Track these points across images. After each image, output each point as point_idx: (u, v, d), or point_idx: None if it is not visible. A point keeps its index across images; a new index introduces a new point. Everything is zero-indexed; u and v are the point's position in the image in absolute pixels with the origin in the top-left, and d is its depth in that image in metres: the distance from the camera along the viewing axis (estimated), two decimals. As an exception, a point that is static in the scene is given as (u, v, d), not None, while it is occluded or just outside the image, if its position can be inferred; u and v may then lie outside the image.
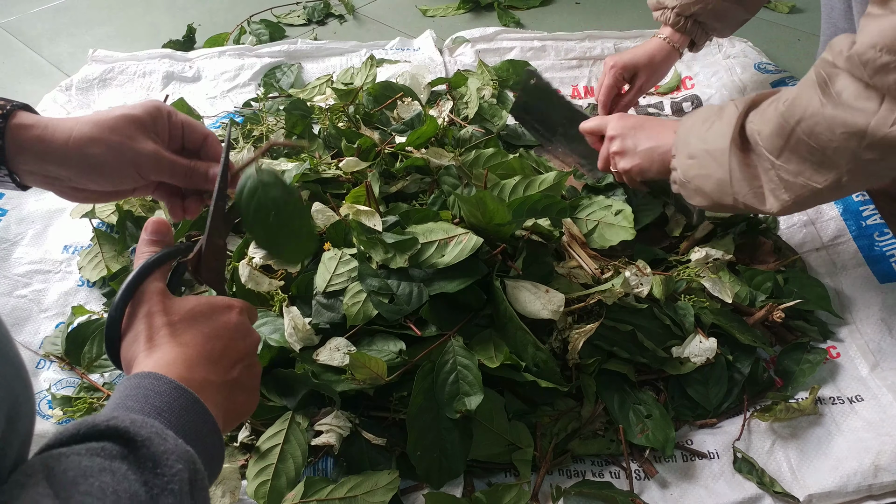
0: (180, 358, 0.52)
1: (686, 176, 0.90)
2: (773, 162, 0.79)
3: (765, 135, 0.80)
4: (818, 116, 0.73)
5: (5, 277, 1.08)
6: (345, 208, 0.95)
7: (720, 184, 0.85)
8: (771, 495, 0.82)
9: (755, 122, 0.82)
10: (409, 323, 0.87)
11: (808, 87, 0.75)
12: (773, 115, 0.79)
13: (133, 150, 0.63)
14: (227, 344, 0.56)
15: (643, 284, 0.91)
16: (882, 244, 1.07)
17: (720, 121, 0.85)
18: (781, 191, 0.80)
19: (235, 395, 0.56)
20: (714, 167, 0.85)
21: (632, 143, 0.99)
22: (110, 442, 0.43)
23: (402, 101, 1.30)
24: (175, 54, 1.56)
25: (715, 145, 0.85)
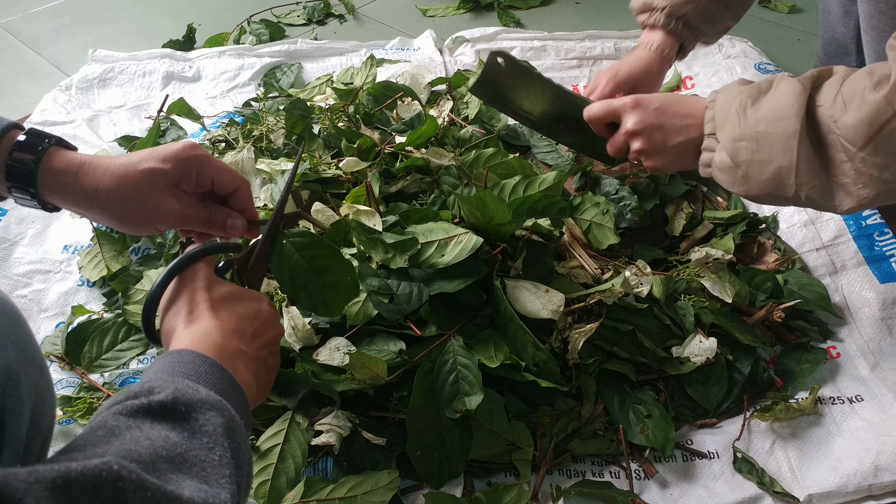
0: (217, 329, 0.57)
1: (735, 160, 0.78)
2: (851, 153, 0.71)
3: (846, 123, 0.71)
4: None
5: (5, 277, 1.08)
6: (345, 208, 0.95)
7: (781, 172, 0.75)
8: (771, 495, 0.82)
9: (827, 105, 0.72)
10: (409, 323, 0.87)
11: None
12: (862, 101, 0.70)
13: (156, 208, 0.66)
14: (258, 327, 0.61)
15: (643, 284, 0.91)
16: (882, 244, 1.07)
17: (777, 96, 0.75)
18: (860, 186, 0.71)
19: (265, 370, 0.61)
20: (775, 153, 0.75)
21: (660, 137, 0.87)
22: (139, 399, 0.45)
23: (402, 101, 1.30)
24: (175, 54, 1.56)
25: (777, 128, 0.74)
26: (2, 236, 1.14)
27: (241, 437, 0.48)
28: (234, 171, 0.71)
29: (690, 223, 1.09)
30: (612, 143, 0.95)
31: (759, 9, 1.80)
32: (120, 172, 0.65)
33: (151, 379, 0.48)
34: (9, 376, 0.47)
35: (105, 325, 0.99)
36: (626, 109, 0.91)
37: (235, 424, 0.48)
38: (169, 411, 0.44)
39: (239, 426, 0.48)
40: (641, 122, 0.88)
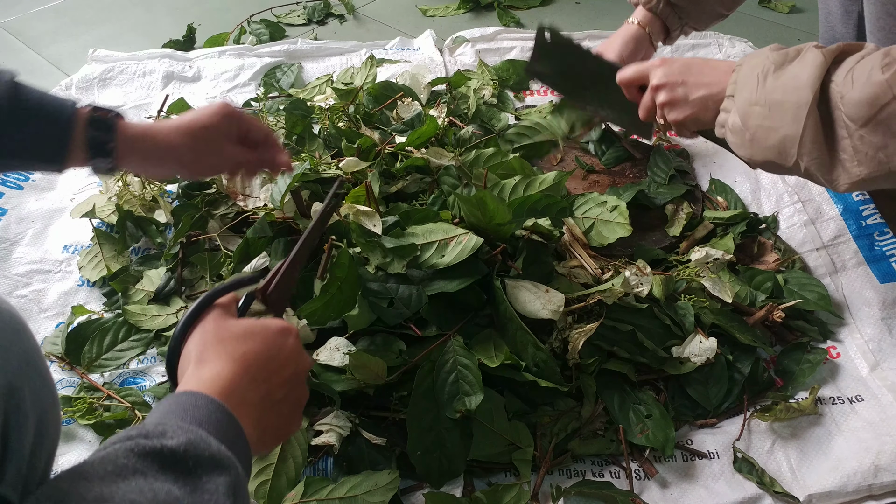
0: (224, 373, 0.53)
1: (746, 124, 0.79)
2: (852, 130, 0.72)
3: (850, 100, 0.72)
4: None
5: (5, 277, 1.08)
6: (345, 208, 0.95)
7: (786, 141, 0.76)
8: (771, 495, 0.82)
9: (839, 81, 0.73)
10: (410, 323, 0.87)
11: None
12: (867, 80, 0.71)
13: (221, 155, 0.85)
14: (277, 365, 0.57)
15: (643, 284, 0.91)
16: (882, 244, 1.07)
17: (799, 66, 0.76)
18: (855, 164, 0.72)
19: (277, 413, 0.57)
20: (785, 121, 0.75)
21: (682, 91, 0.89)
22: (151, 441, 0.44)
23: (402, 101, 1.30)
24: (175, 54, 1.55)
25: (790, 98, 0.75)
26: (2, 236, 1.14)
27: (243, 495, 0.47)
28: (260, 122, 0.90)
29: (690, 223, 1.09)
30: (642, 103, 0.97)
31: (759, 9, 1.80)
32: (184, 130, 0.82)
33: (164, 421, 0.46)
34: (12, 392, 0.46)
35: (105, 325, 0.99)
36: (653, 67, 0.93)
37: (240, 481, 0.46)
38: (178, 461, 0.43)
39: (243, 482, 0.47)
40: (666, 75, 0.91)
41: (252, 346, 0.57)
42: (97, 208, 1.13)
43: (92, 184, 1.24)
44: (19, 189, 1.23)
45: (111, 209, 1.12)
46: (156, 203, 1.14)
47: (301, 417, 0.60)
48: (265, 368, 0.56)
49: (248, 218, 1.06)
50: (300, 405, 0.60)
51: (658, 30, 1.13)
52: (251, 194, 1.08)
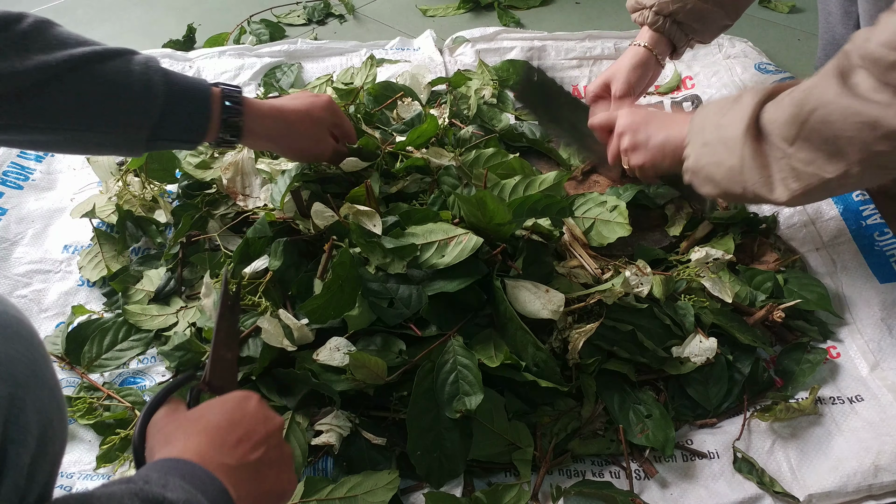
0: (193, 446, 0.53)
1: (698, 164, 0.88)
2: (785, 151, 0.78)
3: (779, 123, 0.79)
4: (833, 105, 0.73)
5: (5, 277, 1.08)
6: (345, 208, 0.95)
7: (731, 171, 0.84)
8: (771, 495, 0.82)
9: (770, 111, 0.81)
10: (410, 323, 0.87)
11: (827, 77, 0.75)
12: (789, 103, 0.78)
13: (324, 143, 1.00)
14: (245, 429, 0.57)
15: (643, 284, 0.91)
16: (882, 244, 1.07)
17: (736, 109, 0.84)
18: (791, 180, 0.79)
19: (264, 475, 0.56)
20: (726, 155, 0.84)
21: (643, 136, 0.97)
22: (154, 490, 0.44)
23: (402, 101, 1.30)
24: (175, 54, 1.55)
25: (729, 133, 0.83)
26: (2, 236, 1.14)
27: None
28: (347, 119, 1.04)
29: (690, 223, 1.09)
30: (609, 147, 1.05)
31: (759, 9, 1.80)
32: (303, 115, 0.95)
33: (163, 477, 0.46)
34: (13, 403, 0.46)
35: (105, 325, 0.99)
36: (620, 115, 1.02)
37: None
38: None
39: None
40: (630, 123, 0.99)
41: (212, 419, 0.56)
42: (97, 208, 1.13)
43: (92, 184, 1.24)
44: (19, 189, 1.23)
45: (111, 209, 1.12)
46: (156, 203, 1.14)
47: (293, 476, 0.60)
48: (232, 434, 0.55)
49: (248, 218, 1.06)
50: (286, 462, 0.59)
51: (664, 49, 1.15)
52: (251, 194, 1.08)
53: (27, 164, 1.27)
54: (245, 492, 0.53)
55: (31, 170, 1.27)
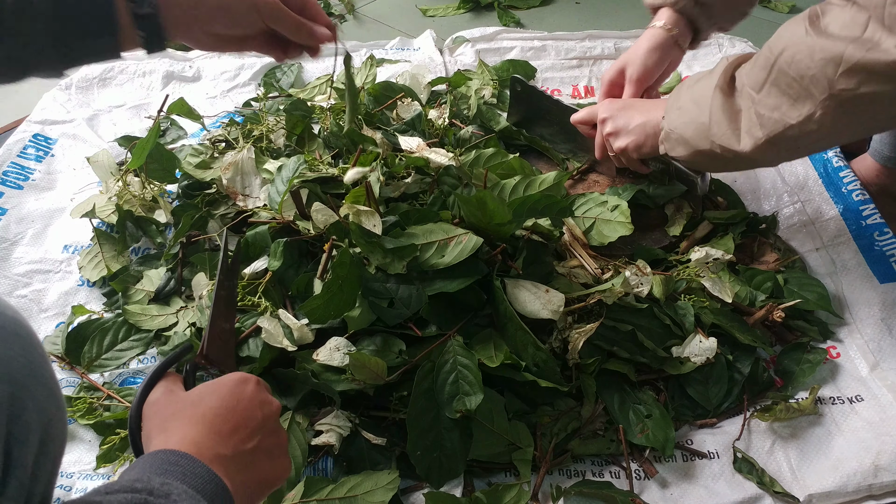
0: (189, 436, 0.53)
1: (670, 126, 0.91)
2: (753, 97, 0.80)
3: (750, 71, 0.81)
4: (801, 45, 0.74)
5: (5, 277, 1.08)
6: (345, 208, 0.95)
7: (700, 128, 0.86)
8: (771, 495, 0.82)
9: (745, 68, 0.83)
10: (410, 323, 0.87)
11: (797, 21, 0.77)
12: (762, 52, 0.80)
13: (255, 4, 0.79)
14: (241, 416, 0.56)
15: (643, 284, 0.91)
16: (882, 244, 1.07)
17: (710, 73, 0.87)
18: (756, 128, 0.80)
19: (258, 463, 0.56)
20: (696, 112, 0.86)
21: (623, 121, 1.00)
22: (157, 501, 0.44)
23: (402, 102, 1.30)
24: (175, 54, 1.55)
25: (701, 92, 0.86)
26: (2, 236, 1.14)
27: None
28: None
29: (690, 223, 1.09)
30: (596, 140, 1.07)
31: (759, 9, 1.80)
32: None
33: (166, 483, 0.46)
34: (14, 402, 0.46)
35: (105, 325, 0.99)
36: (599, 106, 1.05)
37: None
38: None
39: None
40: (609, 110, 1.03)
41: (209, 404, 0.56)
42: (97, 208, 1.13)
43: (92, 184, 1.24)
44: (19, 189, 1.23)
45: (111, 209, 1.12)
46: (156, 203, 1.14)
47: (287, 461, 0.60)
48: (229, 422, 0.55)
49: (248, 218, 1.06)
50: (280, 449, 0.59)
51: (685, 32, 1.08)
52: (251, 194, 1.08)
53: (27, 165, 1.27)
54: (240, 481, 0.53)
55: (31, 170, 1.27)
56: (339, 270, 0.83)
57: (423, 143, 1.10)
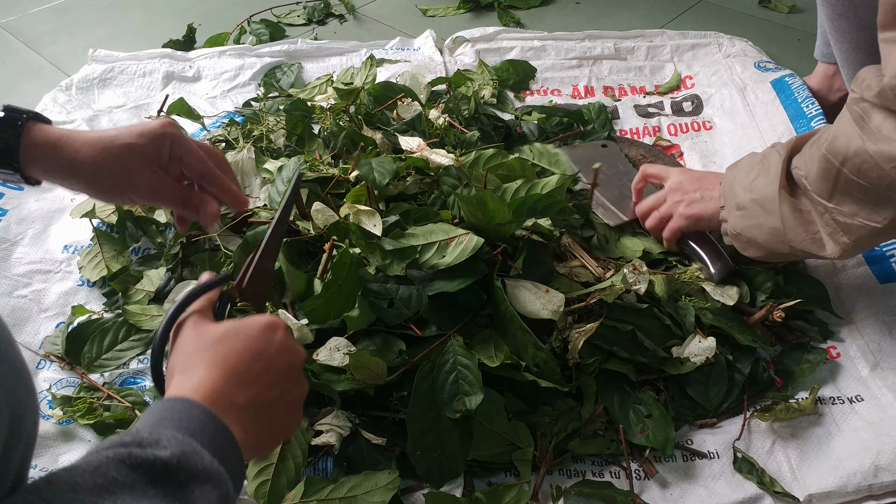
0: (207, 380, 0.52)
1: (736, 228, 0.89)
2: (825, 206, 0.78)
3: (812, 178, 0.78)
4: (863, 154, 0.71)
5: (5, 277, 1.08)
6: (345, 208, 0.95)
7: (773, 233, 0.84)
8: (771, 495, 0.82)
9: (800, 166, 0.80)
10: (410, 323, 0.87)
11: (846, 126, 0.73)
12: (816, 156, 0.76)
13: (132, 179, 0.72)
14: (266, 362, 0.55)
15: (640, 282, 0.91)
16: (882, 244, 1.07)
17: (764, 168, 0.84)
18: (840, 234, 0.78)
19: (276, 414, 0.55)
20: (765, 217, 0.84)
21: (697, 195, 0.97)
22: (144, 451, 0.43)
23: (402, 102, 1.30)
24: (175, 54, 1.56)
25: (763, 193, 0.83)
26: (2, 236, 1.14)
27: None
28: (204, 156, 0.75)
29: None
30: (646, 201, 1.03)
31: (759, 9, 1.80)
32: (98, 145, 0.70)
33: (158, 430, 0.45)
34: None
35: (105, 325, 0.99)
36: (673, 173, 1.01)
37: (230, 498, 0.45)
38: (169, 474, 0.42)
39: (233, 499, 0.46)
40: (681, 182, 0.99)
41: (235, 346, 0.54)
42: (97, 208, 1.13)
43: (92, 184, 1.24)
44: (19, 189, 1.23)
45: (111, 209, 1.12)
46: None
47: (300, 415, 0.59)
48: (252, 368, 0.54)
49: (248, 218, 1.06)
50: (299, 401, 0.58)
51: None
52: (251, 194, 1.08)
53: (27, 165, 1.27)
54: (254, 430, 0.52)
55: (31, 170, 1.26)
56: (339, 271, 0.83)
57: (424, 143, 1.10)
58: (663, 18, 1.78)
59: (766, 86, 1.39)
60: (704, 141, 1.34)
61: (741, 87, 1.42)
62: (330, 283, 0.83)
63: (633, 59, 1.55)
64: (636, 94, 1.46)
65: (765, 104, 1.36)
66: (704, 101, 1.42)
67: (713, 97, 1.42)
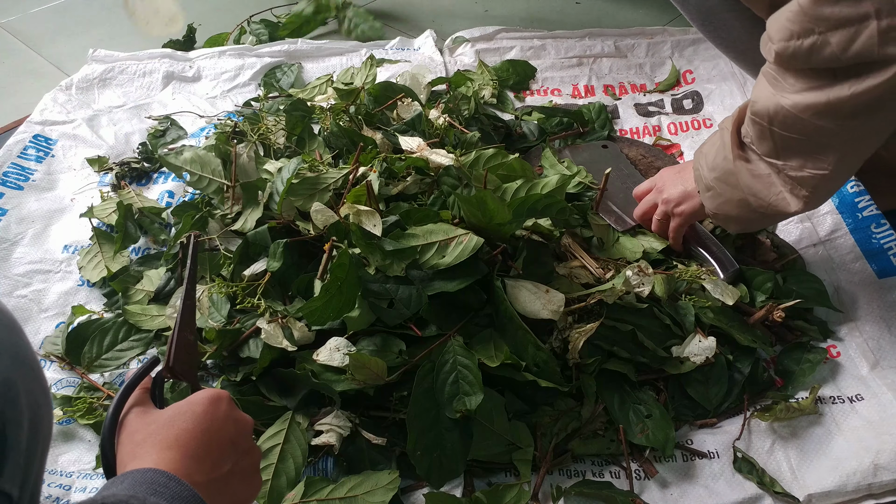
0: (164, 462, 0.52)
1: (711, 208, 0.91)
2: (776, 165, 0.80)
3: (755, 141, 0.81)
4: (783, 111, 0.74)
5: (5, 277, 1.08)
6: (345, 208, 0.95)
7: (742, 204, 0.86)
8: (771, 495, 0.82)
9: (746, 133, 0.82)
10: (410, 323, 0.87)
11: (763, 88, 0.77)
12: (750, 121, 0.80)
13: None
14: (216, 438, 0.56)
15: (644, 284, 0.91)
16: (879, 236, 1.06)
17: (722, 145, 0.86)
18: (797, 188, 0.80)
19: (231, 486, 0.55)
20: (730, 191, 0.86)
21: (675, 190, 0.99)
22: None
23: (402, 102, 1.30)
24: (175, 54, 1.55)
25: (723, 169, 0.86)
26: (2, 236, 1.14)
27: None
28: None
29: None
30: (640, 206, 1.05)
31: (759, 8, 1.80)
32: None
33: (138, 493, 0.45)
34: (7, 387, 0.46)
35: (105, 325, 0.99)
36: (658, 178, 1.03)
37: None
38: None
39: None
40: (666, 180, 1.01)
41: (183, 426, 0.55)
42: (96, 208, 1.14)
43: (92, 184, 1.24)
44: (19, 189, 1.23)
45: (112, 208, 1.13)
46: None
47: (259, 480, 0.60)
48: (203, 444, 0.54)
49: (248, 218, 1.06)
50: (253, 469, 0.59)
51: None
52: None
53: (27, 165, 1.27)
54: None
55: (32, 170, 1.27)
56: (338, 272, 0.83)
57: (424, 143, 1.10)
58: (664, 18, 1.78)
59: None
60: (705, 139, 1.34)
61: (741, 82, 1.42)
62: (329, 284, 0.83)
63: (633, 57, 1.55)
64: (636, 93, 1.46)
65: (765, 103, 1.35)
66: (705, 98, 1.41)
67: (713, 93, 1.42)
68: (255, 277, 0.95)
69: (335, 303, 0.84)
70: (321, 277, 0.91)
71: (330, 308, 0.84)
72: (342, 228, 0.93)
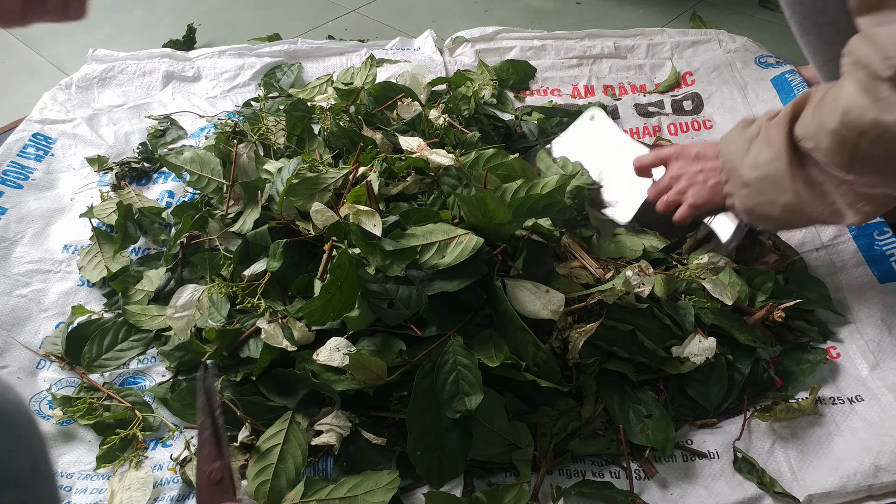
0: None
1: (747, 205, 0.88)
2: (843, 178, 0.77)
3: (825, 151, 0.76)
4: (881, 126, 0.70)
5: (5, 277, 1.08)
6: (345, 208, 0.95)
7: (788, 208, 0.83)
8: (771, 495, 0.82)
9: (806, 137, 0.78)
10: (410, 323, 0.87)
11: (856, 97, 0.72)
12: (826, 129, 0.75)
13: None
14: None
15: (645, 284, 0.91)
16: (882, 243, 1.07)
17: (765, 142, 0.82)
18: (862, 204, 0.77)
19: None
20: (777, 193, 0.83)
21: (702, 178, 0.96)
22: None
23: (402, 102, 1.30)
24: (175, 54, 1.55)
25: (770, 170, 0.82)
26: (2, 235, 1.14)
27: None
28: None
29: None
30: (655, 186, 1.03)
31: (759, 9, 1.80)
32: None
33: None
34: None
35: (105, 325, 0.99)
36: (670, 158, 1.00)
37: None
38: None
39: None
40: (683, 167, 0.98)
41: None
42: (96, 208, 1.13)
43: (92, 183, 1.24)
44: (19, 188, 1.23)
45: (112, 208, 1.13)
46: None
47: None
48: None
49: (248, 218, 1.06)
50: None
51: None
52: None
53: (27, 164, 1.27)
54: None
55: (32, 169, 1.27)
56: (338, 272, 0.83)
57: (424, 143, 1.10)
58: (664, 18, 1.78)
59: (767, 84, 1.39)
60: (705, 140, 1.34)
61: (742, 85, 1.42)
62: (329, 284, 0.83)
63: (633, 58, 1.55)
64: (636, 93, 1.46)
65: (765, 102, 1.36)
66: (705, 100, 1.42)
67: (713, 95, 1.42)
68: (255, 277, 0.95)
69: (335, 303, 0.84)
70: (321, 277, 0.91)
71: (330, 308, 0.84)
72: (342, 228, 0.93)
